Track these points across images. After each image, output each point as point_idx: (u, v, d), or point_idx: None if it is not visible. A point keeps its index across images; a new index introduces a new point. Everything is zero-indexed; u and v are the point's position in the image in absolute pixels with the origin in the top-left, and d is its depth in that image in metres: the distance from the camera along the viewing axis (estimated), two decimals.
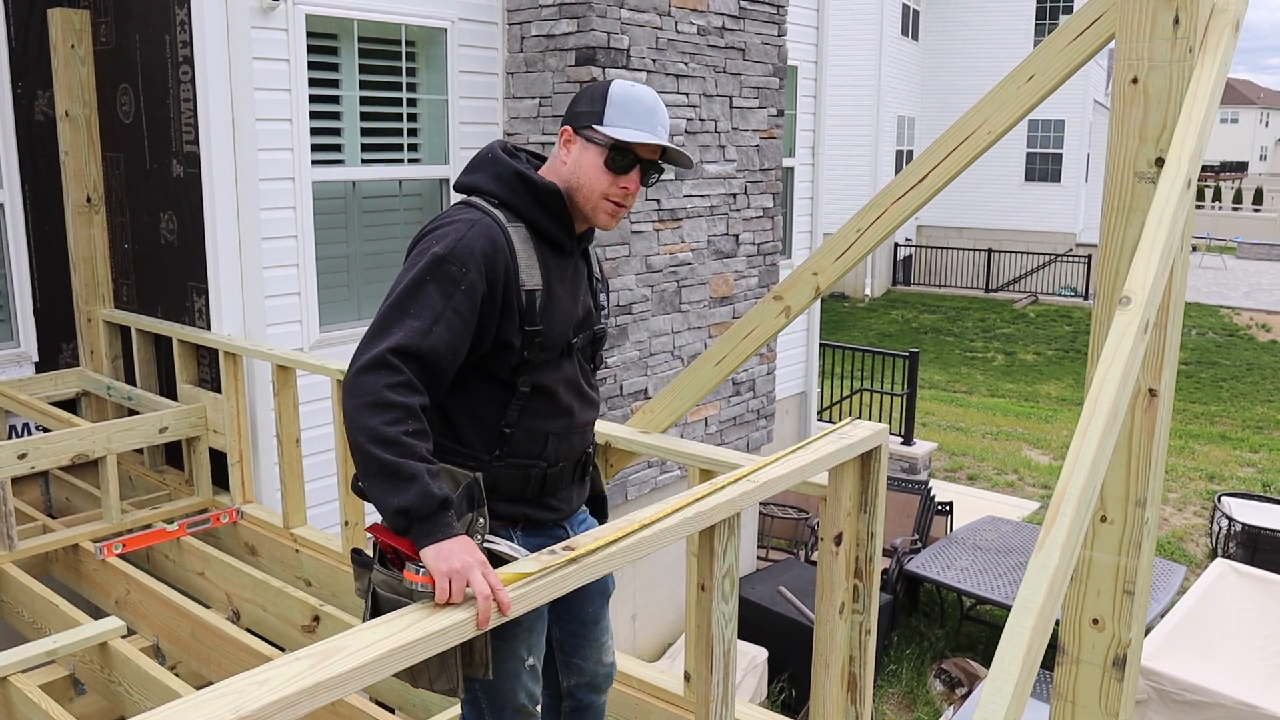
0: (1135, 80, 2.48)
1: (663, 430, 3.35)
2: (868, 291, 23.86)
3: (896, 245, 25.08)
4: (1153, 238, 2.16)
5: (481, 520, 2.08)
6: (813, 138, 9.01)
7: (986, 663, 7.69)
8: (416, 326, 2.01)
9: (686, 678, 3.34)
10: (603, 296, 2.51)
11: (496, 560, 1.98)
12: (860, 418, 3.01)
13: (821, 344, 10.30)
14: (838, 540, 2.80)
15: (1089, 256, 24.12)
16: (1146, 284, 2.08)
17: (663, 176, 2.29)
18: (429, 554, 1.85)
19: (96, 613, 4.38)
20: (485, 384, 2.21)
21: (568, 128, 2.26)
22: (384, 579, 2.01)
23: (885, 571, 7.97)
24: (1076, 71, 2.69)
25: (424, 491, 1.88)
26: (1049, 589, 1.75)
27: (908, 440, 11.18)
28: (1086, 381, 2.34)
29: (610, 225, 2.31)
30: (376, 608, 2.02)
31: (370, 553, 2.11)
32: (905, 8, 23.55)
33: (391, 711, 3.66)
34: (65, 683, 3.78)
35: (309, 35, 5.41)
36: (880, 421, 2.87)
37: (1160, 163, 2.43)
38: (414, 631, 1.66)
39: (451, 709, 3.30)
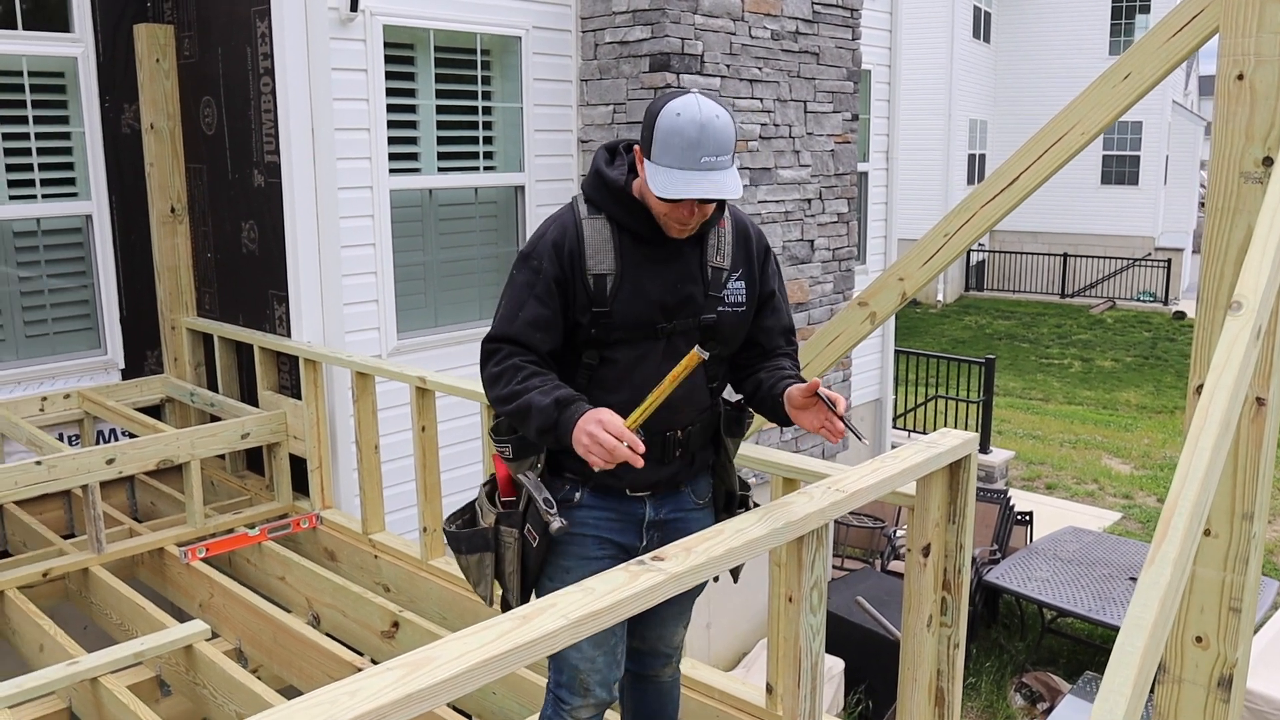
0: (1241, 76, 2.38)
1: (746, 438, 3.30)
2: (940, 297, 23.52)
3: (970, 250, 24.68)
4: (1264, 240, 2.07)
5: (540, 464, 2.43)
6: (886, 142, 8.90)
7: (1069, 677, 7.50)
8: (504, 314, 2.38)
9: (768, 689, 3.29)
10: (736, 283, 2.48)
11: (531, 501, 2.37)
12: (945, 428, 2.93)
13: (896, 350, 10.16)
14: (925, 551, 2.73)
15: (1168, 261, 23.52)
16: (1259, 288, 1.99)
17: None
18: (575, 437, 2.15)
19: (181, 615, 4.45)
20: (566, 353, 2.42)
21: (637, 146, 2.35)
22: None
23: None
24: (1175, 69, 2.60)
25: (539, 406, 2.22)
26: (1161, 607, 1.67)
27: (984, 448, 10.98)
28: (1190, 389, 2.25)
29: (682, 235, 2.36)
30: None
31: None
32: (977, 10, 23.20)
33: (469, 718, 3.66)
34: (152, 684, 3.85)
35: (386, 45, 5.47)
36: (966, 432, 2.80)
37: (1269, 162, 2.33)
38: (505, 642, 1.63)
39: (531, 717, 3.29)
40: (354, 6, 5.23)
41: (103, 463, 4.42)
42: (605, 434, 2.08)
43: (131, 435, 5.24)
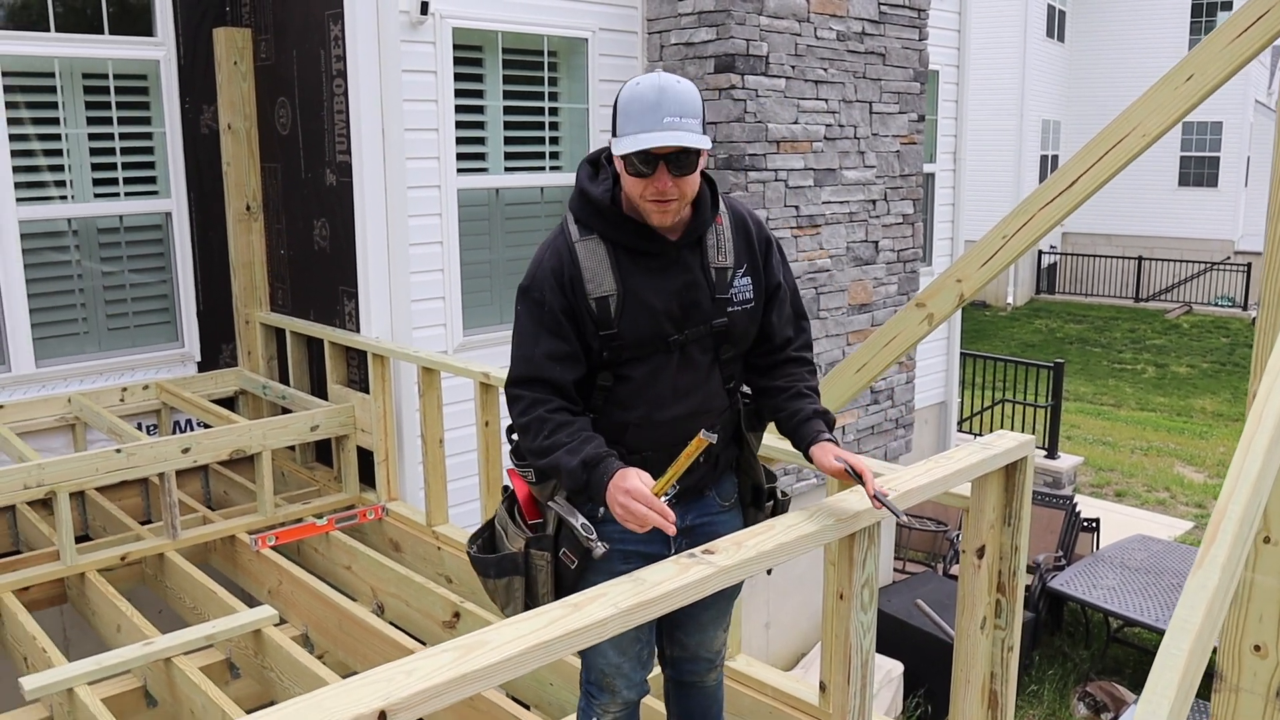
0: None
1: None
2: (1010, 300, 23.19)
3: (1041, 252, 24.31)
4: None
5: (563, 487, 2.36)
6: (954, 143, 8.82)
7: (1134, 687, 7.38)
8: (519, 354, 2.35)
9: (822, 688, 3.31)
10: (743, 280, 2.42)
11: (563, 526, 2.34)
12: (1002, 429, 2.92)
13: (962, 353, 10.06)
14: (980, 553, 2.74)
15: (1249, 265, 22.91)
16: None
17: (696, 153, 2.22)
18: (607, 499, 2.14)
19: (251, 601, 4.59)
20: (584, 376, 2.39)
21: (612, 140, 2.29)
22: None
23: (1027, 588, 7.73)
24: (1238, 71, 2.57)
25: (568, 470, 2.20)
26: (1207, 610, 1.67)
27: (1052, 454, 10.82)
28: (1250, 394, 2.23)
29: (665, 221, 2.28)
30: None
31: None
32: (1051, 9, 22.83)
33: (527, 708, 3.73)
34: (222, 666, 3.98)
35: (455, 47, 5.57)
36: (1023, 434, 2.79)
37: None
38: (556, 628, 1.69)
39: None
40: (424, 10, 5.33)
41: (179, 452, 4.57)
42: (636, 505, 2.06)
43: (206, 426, 5.41)
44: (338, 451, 5.33)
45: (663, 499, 2.08)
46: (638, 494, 2.06)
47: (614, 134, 2.24)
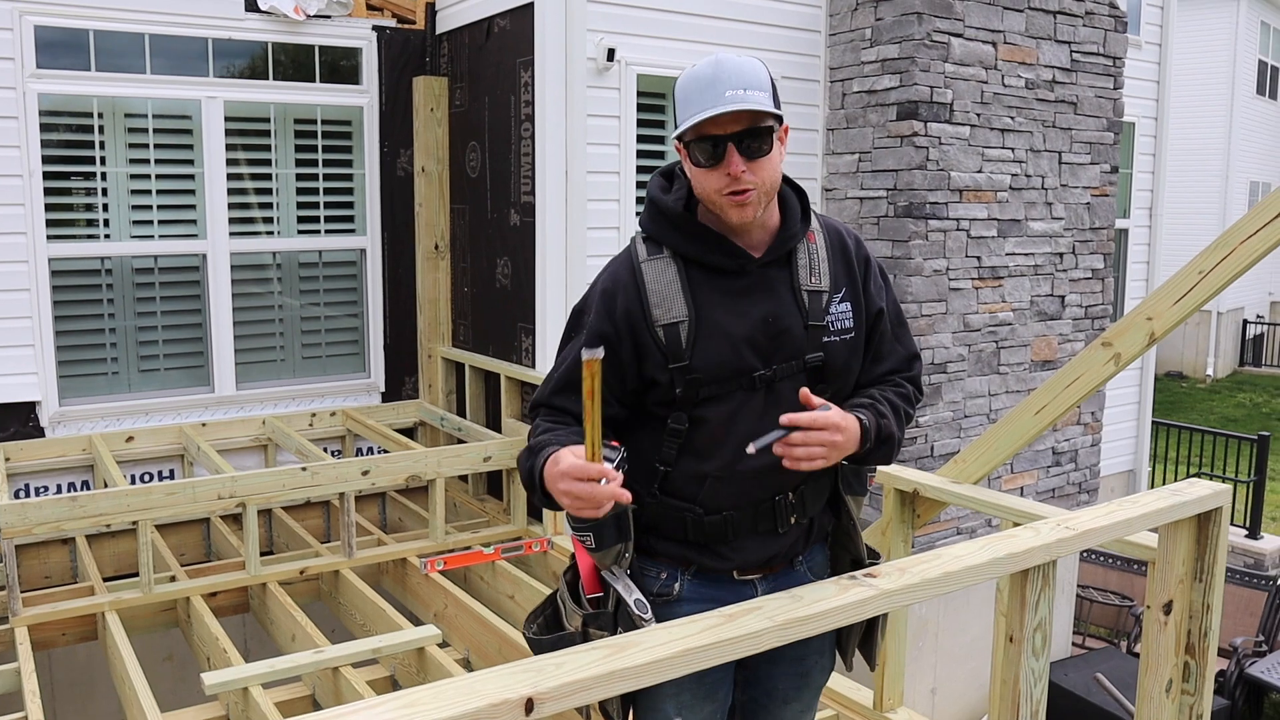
0: None
1: (975, 482, 3.20)
2: (1210, 371, 21.83)
3: (1246, 322, 22.86)
4: None
5: (628, 554, 2.05)
6: (1150, 198, 8.43)
7: None
8: (552, 378, 2.10)
9: None
10: (841, 306, 2.09)
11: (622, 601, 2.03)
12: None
13: (1154, 422, 9.51)
14: (1167, 609, 2.56)
15: None
16: None
17: (764, 134, 1.91)
18: (551, 491, 1.87)
19: (417, 622, 4.70)
20: (643, 419, 2.07)
21: (676, 142, 2.03)
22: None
23: (1222, 673, 7.17)
24: None
25: (522, 469, 1.99)
26: None
27: (1254, 534, 10.06)
28: None
29: (746, 216, 1.97)
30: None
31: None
32: (1262, 64, 21.66)
33: None
34: (386, 682, 4.09)
35: (639, 94, 5.70)
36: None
37: None
38: (708, 636, 1.66)
39: None
40: (611, 57, 5.49)
41: (359, 473, 4.77)
42: (579, 485, 1.76)
43: (386, 452, 5.62)
44: (508, 484, 5.45)
45: (606, 464, 1.78)
46: (574, 471, 1.76)
47: (679, 134, 1.98)
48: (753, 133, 1.91)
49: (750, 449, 1.85)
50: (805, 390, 1.93)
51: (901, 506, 3.32)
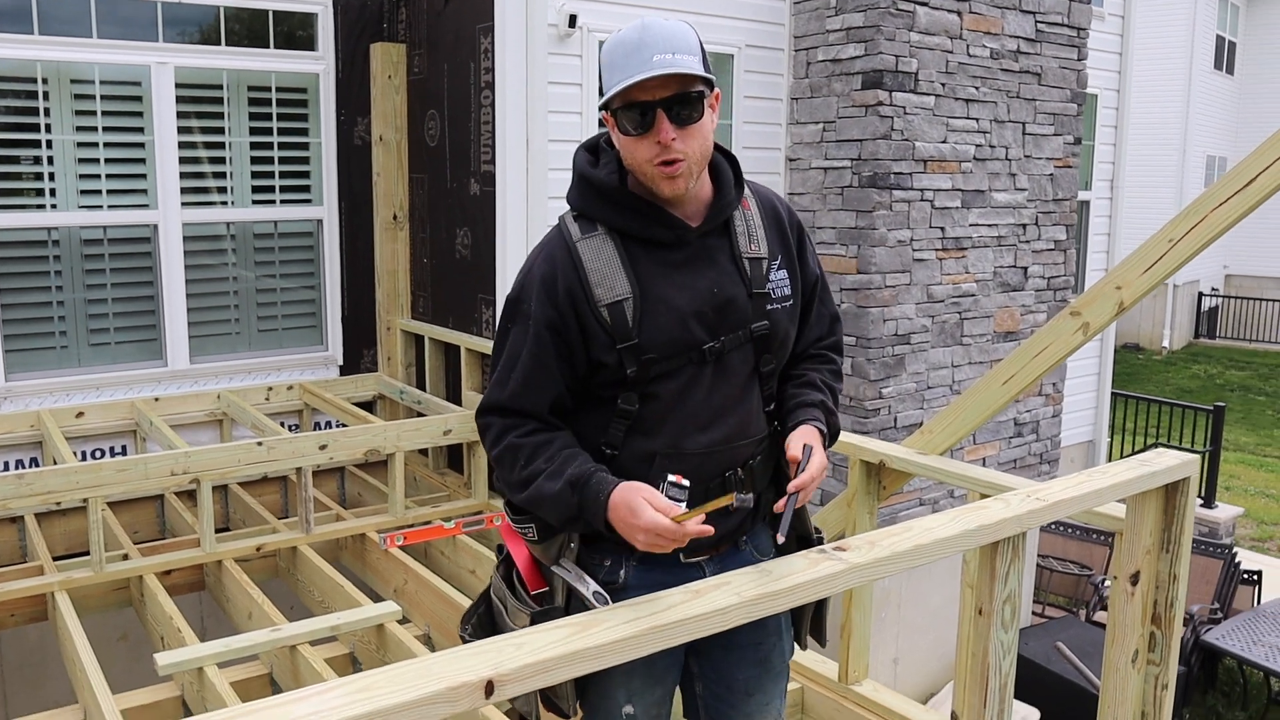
0: None
1: (941, 453, 3.17)
2: (1166, 344, 22.12)
3: (1201, 295, 23.15)
4: None
5: (573, 544, 2.00)
6: (1112, 170, 8.45)
7: None
8: (496, 378, 2.00)
9: (953, 718, 3.13)
10: (779, 274, 2.06)
11: (574, 594, 1.98)
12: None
13: (1113, 394, 9.59)
14: (1134, 579, 2.54)
15: None
16: None
17: (698, 99, 1.86)
18: (617, 529, 1.83)
19: (376, 598, 4.63)
20: (587, 402, 2.00)
21: (603, 112, 1.95)
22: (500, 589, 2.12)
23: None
24: None
25: (552, 497, 1.87)
26: None
27: (1209, 503, 10.20)
28: None
29: (678, 189, 1.91)
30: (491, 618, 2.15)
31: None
32: (1220, 39, 21.83)
33: None
34: (345, 660, 4.02)
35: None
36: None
37: None
38: (674, 614, 1.61)
39: None
40: (572, 23, 5.39)
41: (316, 448, 4.67)
42: (660, 539, 1.75)
43: (344, 426, 5.53)
44: (468, 458, 5.37)
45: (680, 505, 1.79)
46: (666, 532, 1.74)
47: (603, 95, 1.89)
48: (682, 99, 1.85)
49: (780, 539, 1.83)
50: (792, 454, 1.92)
51: (867, 478, 3.29)
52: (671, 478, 1.82)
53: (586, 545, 2.02)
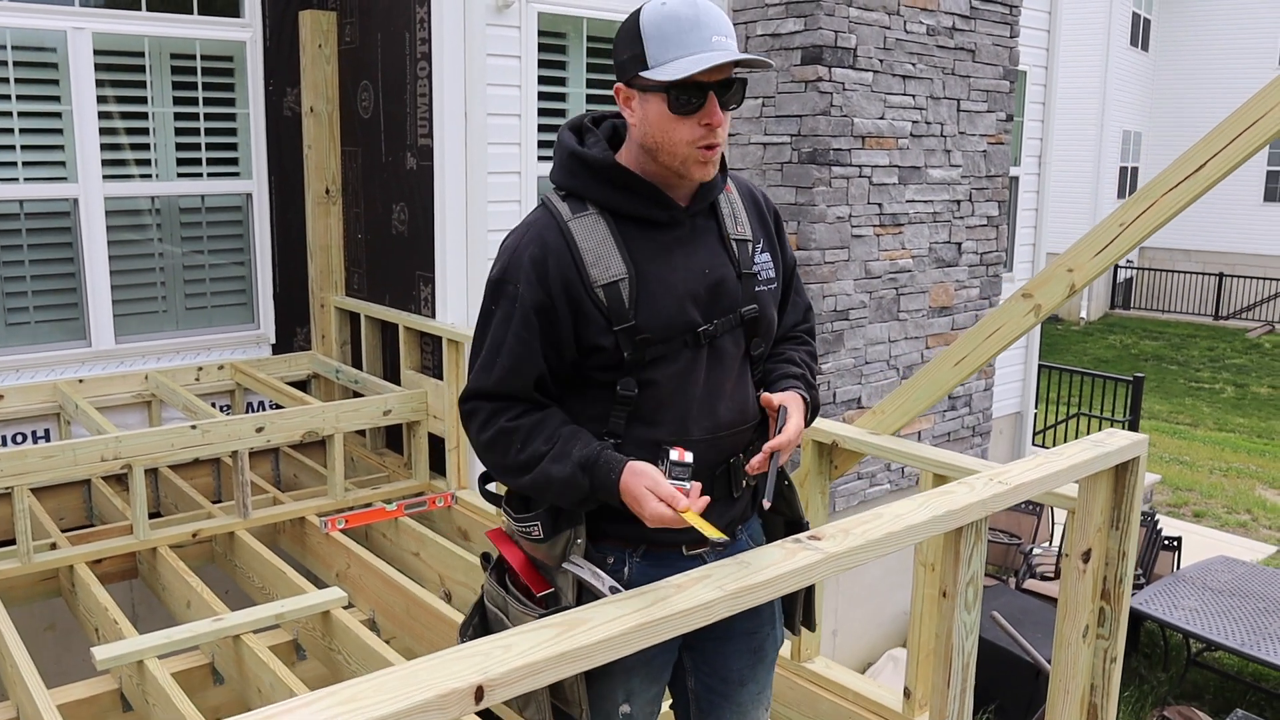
0: None
1: (892, 433, 3.20)
2: (1084, 314, 22.70)
3: (1117, 267, 23.76)
4: None
5: (580, 540, 1.96)
6: (1040, 146, 8.58)
7: (1215, 713, 7.11)
8: (481, 362, 1.95)
9: (906, 694, 3.18)
10: (763, 257, 2.07)
11: (585, 591, 1.95)
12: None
13: (1039, 365, 9.80)
14: (1085, 557, 2.60)
15: None
16: None
17: (750, 76, 1.88)
18: (628, 506, 1.82)
19: (318, 583, 4.55)
20: (584, 391, 1.97)
21: (619, 85, 1.92)
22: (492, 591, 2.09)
23: None
24: None
25: (562, 480, 1.84)
26: None
27: None
28: None
29: (708, 173, 1.92)
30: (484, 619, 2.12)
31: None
32: (1135, 16, 22.30)
33: None
34: (289, 647, 3.94)
35: (540, 33, 5.51)
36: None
37: None
38: (661, 609, 1.59)
39: None
40: None
41: (252, 430, 4.56)
42: (658, 512, 1.76)
43: (279, 407, 5.40)
44: (409, 438, 5.30)
45: (682, 483, 1.82)
46: (670, 522, 1.76)
47: (636, 68, 1.84)
48: (729, 84, 1.86)
49: (766, 504, 1.86)
50: (766, 396, 1.96)
51: (819, 458, 3.31)
52: (674, 455, 1.81)
53: (589, 540, 1.98)
